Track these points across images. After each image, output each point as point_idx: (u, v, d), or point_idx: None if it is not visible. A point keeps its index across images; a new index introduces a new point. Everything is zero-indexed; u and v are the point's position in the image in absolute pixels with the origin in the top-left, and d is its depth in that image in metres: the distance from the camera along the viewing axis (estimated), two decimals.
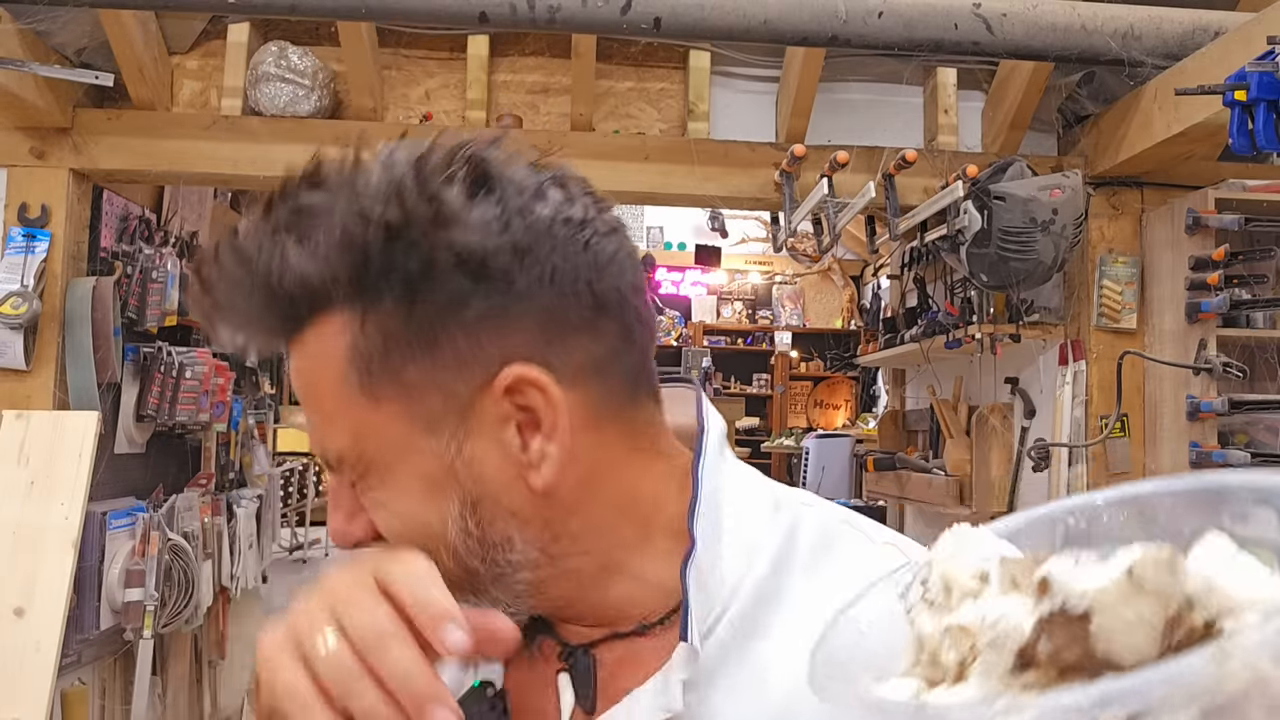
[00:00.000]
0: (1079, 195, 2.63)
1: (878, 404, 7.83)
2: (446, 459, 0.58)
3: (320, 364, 0.58)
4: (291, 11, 2.41)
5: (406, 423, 0.57)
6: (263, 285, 0.56)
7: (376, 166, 0.60)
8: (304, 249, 0.56)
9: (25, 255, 2.71)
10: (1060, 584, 0.31)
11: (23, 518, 2.47)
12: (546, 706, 0.64)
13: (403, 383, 0.57)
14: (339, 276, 0.56)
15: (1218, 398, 2.59)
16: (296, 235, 0.56)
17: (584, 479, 0.60)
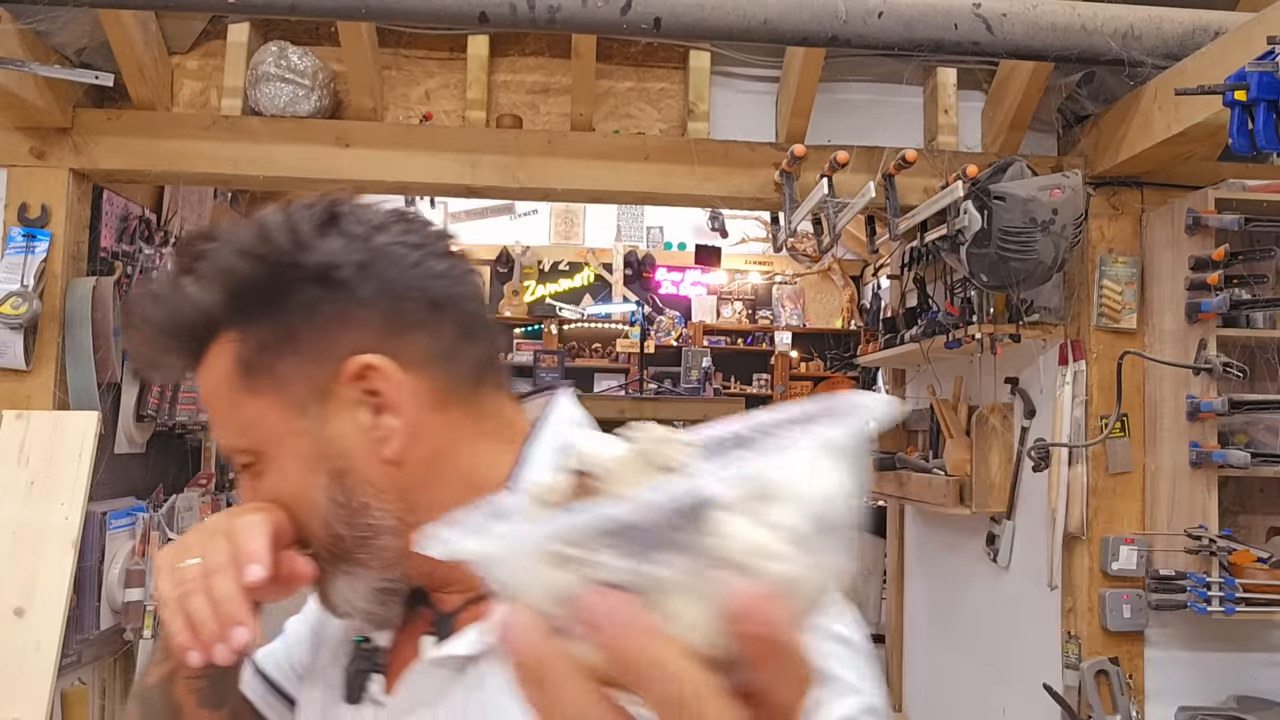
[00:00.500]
0: (1079, 195, 2.63)
1: None
2: (313, 437, 0.72)
3: (215, 376, 0.73)
4: (291, 11, 2.41)
5: (281, 410, 0.72)
6: (171, 322, 0.73)
7: (255, 220, 0.74)
8: (197, 286, 0.71)
9: (25, 255, 2.71)
10: (583, 455, 0.40)
11: (23, 518, 2.47)
12: (406, 661, 0.77)
13: (275, 377, 0.71)
14: (222, 302, 0.71)
15: (1218, 398, 2.59)
16: (192, 276, 0.72)
17: (432, 454, 0.73)
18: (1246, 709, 2.73)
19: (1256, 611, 2.60)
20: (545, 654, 0.33)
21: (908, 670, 4.13)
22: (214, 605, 0.67)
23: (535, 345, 8.34)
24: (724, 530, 0.34)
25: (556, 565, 0.34)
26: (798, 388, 8.88)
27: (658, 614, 0.33)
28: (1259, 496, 2.87)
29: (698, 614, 0.33)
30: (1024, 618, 3.17)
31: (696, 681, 0.32)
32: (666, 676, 0.32)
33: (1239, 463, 2.53)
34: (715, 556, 0.33)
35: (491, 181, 2.96)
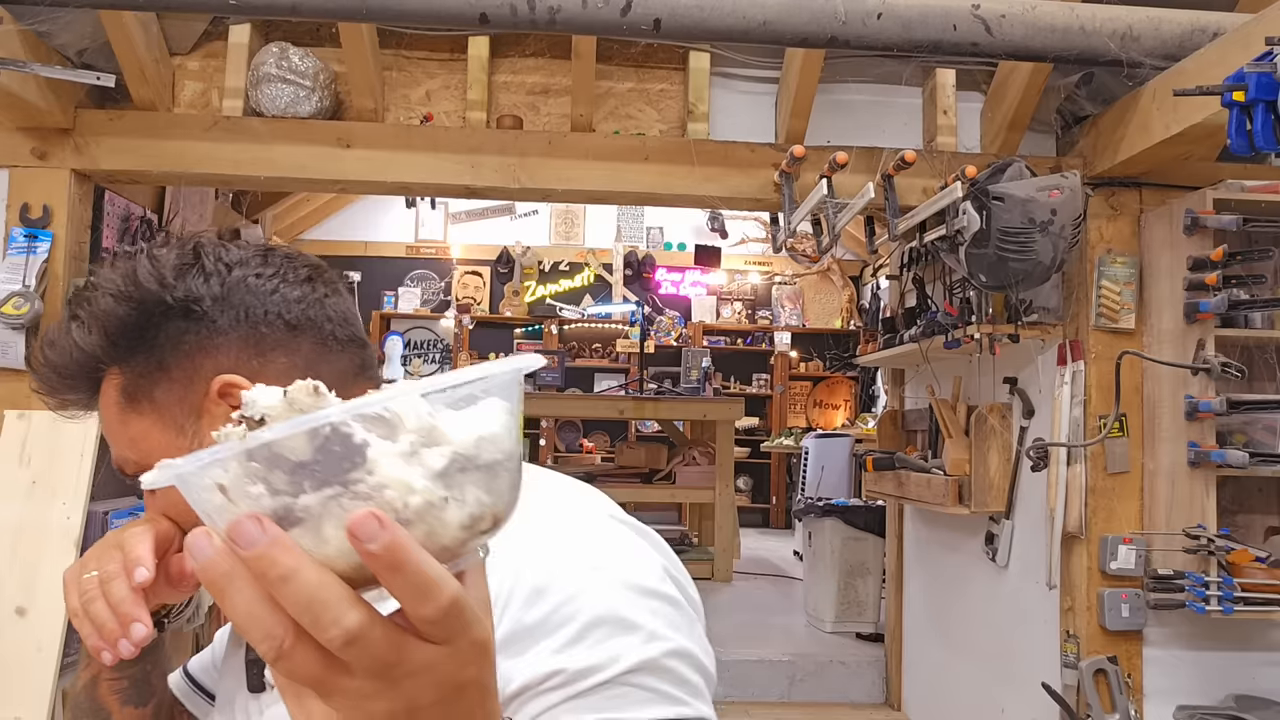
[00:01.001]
0: (1077, 196, 2.64)
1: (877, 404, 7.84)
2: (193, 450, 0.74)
3: (107, 405, 0.83)
4: (292, 12, 2.42)
5: (163, 429, 0.81)
6: (64, 365, 0.85)
7: (127, 264, 0.84)
8: (81, 331, 0.83)
9: (27, 255, 2.72)
10: (251, 401, 0.44)
11: (24, 517, 2.47)
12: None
13: (154, 401, 0.81)
14: (101, 344, 0.82)
15: (1216, 397, 2.59)
16: (77, 322, 0.83)
17: None
18: (1245, 708, 2.74)
19: (1255, 611, 2.61)
20: (219, 565, 0.39)
21: (907, 669, 4.14)
22: (113, 607, 0.75)
23: (535, 345, 8.35)
24: (374, 469, 0.40)
25: (222, 492, 0.40)
26: (797, 388, 8.89)
27: (311, 538, 0.40)
28: (1257, 496, 2.87)
29: (340, 538, 0.39)
30: (1023, 617, 3.17)
31: (321, 583, 0.38)
32: (297, 582, 0.38)
33: (1237, 462, 2.53)
34: (357, 491, 0.40)
35: (492, 182, 2.96)
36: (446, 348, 8.65)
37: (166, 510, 0.83)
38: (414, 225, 8.53)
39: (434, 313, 8.55)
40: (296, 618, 0.38)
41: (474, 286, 8.61)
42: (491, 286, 8.60)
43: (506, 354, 8.43)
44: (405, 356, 8.70)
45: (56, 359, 0.85)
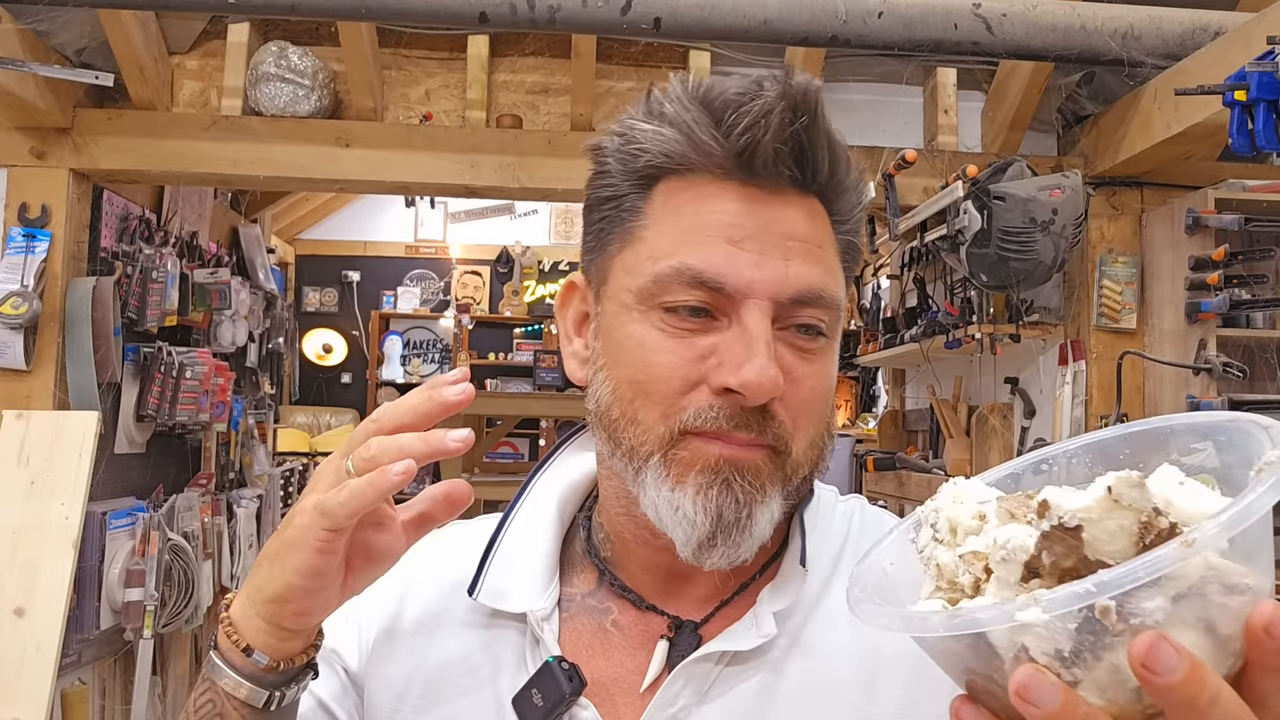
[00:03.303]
0: (1079, 195, 2.63)
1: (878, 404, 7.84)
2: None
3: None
4: (291, 11, 2.41)
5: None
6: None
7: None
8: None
9: (25, 255, 2.71)
10: (1056, 504, 0.39)
11: (23, 518, 2.47)
12: (628, 670, 0.71)
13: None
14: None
15: (1217, 398, 2.59)
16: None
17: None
18: None
19: None
20: (1075, 711, 0.37)
21: None
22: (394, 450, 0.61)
23: (535, 345, 8.34)
24: (1212, 564, 0.37)
25: (1081, 626, 0.37)
26: None
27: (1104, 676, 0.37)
28: None
29: (1201, 639, 0.37)
30: None
31: (1220, 694, 0.36)
32: (1188, 706, 0.36)
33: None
34: (1223, 584, 0.37)
35: (491, 181, 2.96)
36: (446, 348, 8.64)
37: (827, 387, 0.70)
38: (413, 225, 8.52)
39: (433, 312, 8.54)
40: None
41: (473, 286, 8.60)
42: (491, 286, 8.60)
43: (506, 354, 8.43)
44: (404, 356, 8.69)
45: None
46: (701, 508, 0.64)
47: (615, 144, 0.71)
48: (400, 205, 7.86)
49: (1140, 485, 0.38)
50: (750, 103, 0.64)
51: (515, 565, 0.74)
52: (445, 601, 0.76)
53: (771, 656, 0.68)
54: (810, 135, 0.67)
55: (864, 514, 0.78)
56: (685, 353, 0.65)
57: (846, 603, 0.49)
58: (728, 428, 0.64)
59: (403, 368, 8.62)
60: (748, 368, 0.62)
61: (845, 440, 7.06)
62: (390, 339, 8.58)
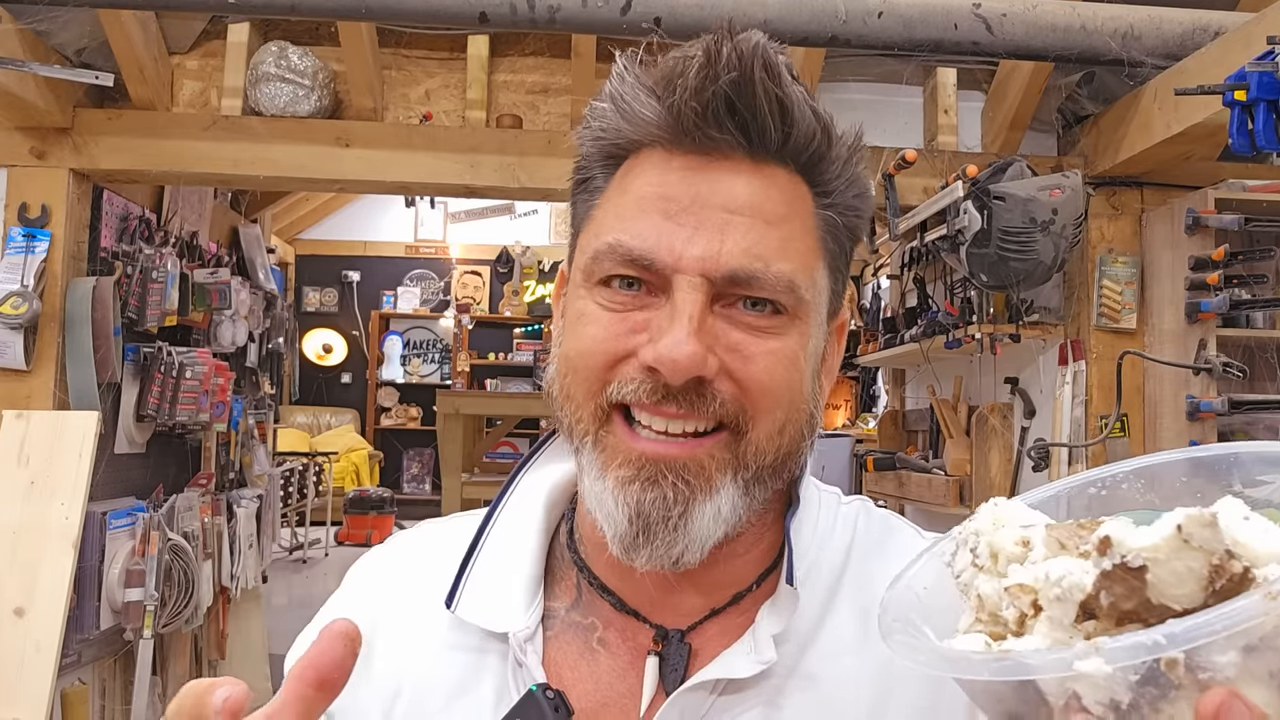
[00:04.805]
0: (1079, 195, 2.63)
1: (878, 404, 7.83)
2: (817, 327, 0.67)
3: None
4: (291, 12, 2.41)
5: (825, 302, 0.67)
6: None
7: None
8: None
9: (25, 255, 2.71)
10: (1119, 541, 0.36)
11: (23, 518, 2.47)
12: (618, 694, 0.66)
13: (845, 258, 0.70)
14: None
15: (1217, 397, 2.59)
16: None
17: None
18: None
19: None
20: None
21: None
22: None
23: (535, 345, 8.34)
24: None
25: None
26: None
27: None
28: None
29: (1274, 696, 0.34)
30: None
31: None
32: None
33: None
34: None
35: (491, 181, 2.96)
36: (446, 348, 8.64)
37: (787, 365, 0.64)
38: (413, 225, 8.52)
39: (433, 312, 8.54)
40: None
41: (473, 286, 8.60)
42: (491, 286, 8.60)
43: (506, 354, 8.43)
44: (404, 356, 8.69)
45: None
46: (622, 503, 0.60)
47: (582, 125, 0.68)
48: (400, 205, 7.86)
49: (1213, 524, 0.35)
50: (689, 70, 0.61)
51: (496, 576, 0.69)
52: (422, 617, 0.70)
53: (769, 685, 0.63)
54: (744, 91, 0.62)
55: (869, 518, 0.73)
56: (616, 326, 0.62)
57: (879, 631, 0.46)
58: (650, 401, 0.60)
59: (403, 368, 8.62)
60: (665, 342, 0.59)
61: (845, 440, 7.06)
62: (390, 339, 8.58)
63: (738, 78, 0.61)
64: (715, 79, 0.60)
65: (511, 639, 0.66)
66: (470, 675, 0.66)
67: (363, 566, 0.78)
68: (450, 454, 5.27)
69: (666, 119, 0.62)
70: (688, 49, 0.62)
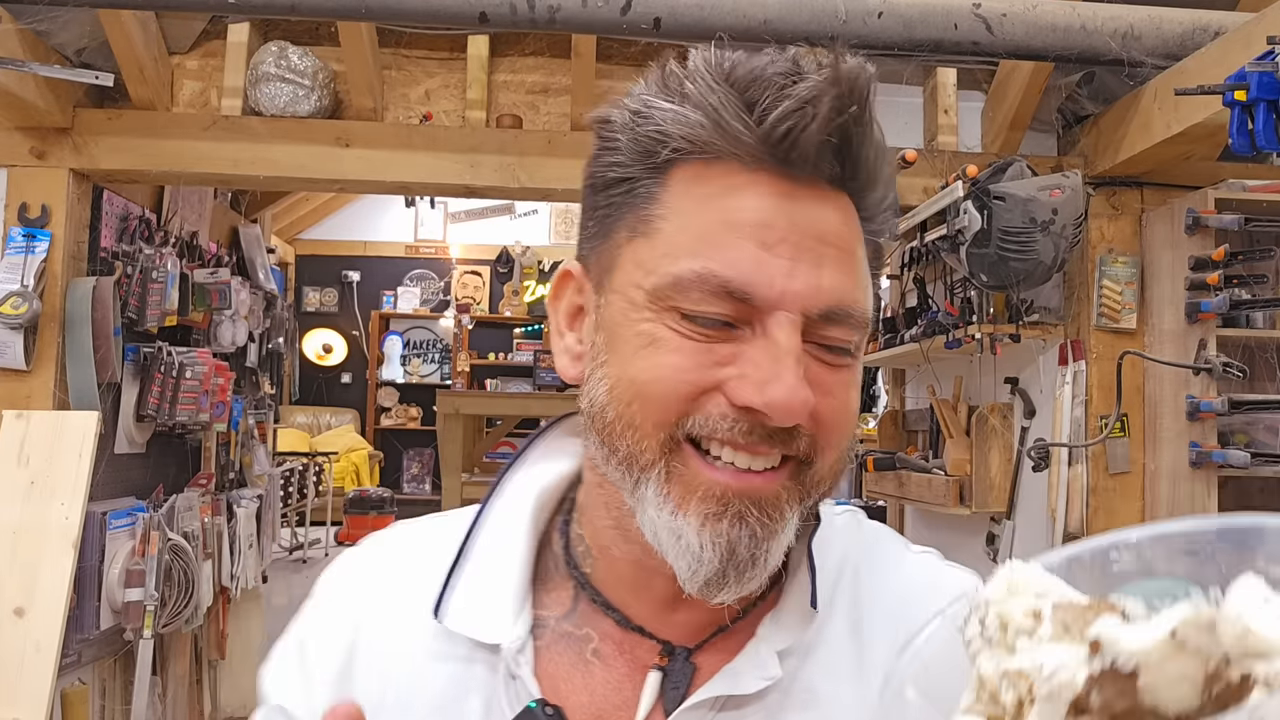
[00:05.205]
0: (1079, 195, 2.63)
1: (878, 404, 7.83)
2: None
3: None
4: (291, 12, 2.41)
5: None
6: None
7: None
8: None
9: (25, 255, 2.71)
10: (1110, 644, 0.35)
11: (23, 518, 2.47)
12: (613, 706, 0.64)
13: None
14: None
15: (1217, 398, 2.59)
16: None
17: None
18: None
19: None
20: None
21: None
22: None
23: (535, 345, 8.34)
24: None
25: None
26: None
27: None
28: (1259, 497, 2.87)
29: None
30: None
31: None
32: None
33: (1239, 463, 2.53)
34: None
35: (491, 181, 2.96)
36: (446, 348, 8.64)
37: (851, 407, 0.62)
38: (413, 225, 8.52)
39: (433, 312, 8.54)
40: None
41: (473, 286, 8.60)
42: (491, 286, 8.60)
43: (506, 354, 8.43)
44: (404, 356, 8.69)
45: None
46: (710, 543, 0.58)
47: (626, 120, 0.62)
48: (400, 205, 7.86)
49: (1209, 628, 0.34)
50: (792, 86, 0.56)
51: (485, 583, 0.67)
52: (405, 625, 0.67)
53: (769, 700, 0.62)
54: (859, 128, 0.58)
55: (862, 531, 0.72)
56: (701, 357, 0.58)
57: (882, 707, 0.46)
58: (745, 441, 0.58)
59: (403, 368, 8.62)
60: (775, 386, 0.56)
61: None
62: (390, 339, 8.58)
63: (859, 114, 0.58)
64: (841, 113, 0.56)
65: (504, 651, 0.64)
66: (457, 688, 0.64)
67: (337, 573, 0.74)
68: (450, 454, 5.27)
69: (773, 142, 0.57)
70: (777, 59, 0.57)
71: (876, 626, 0.66)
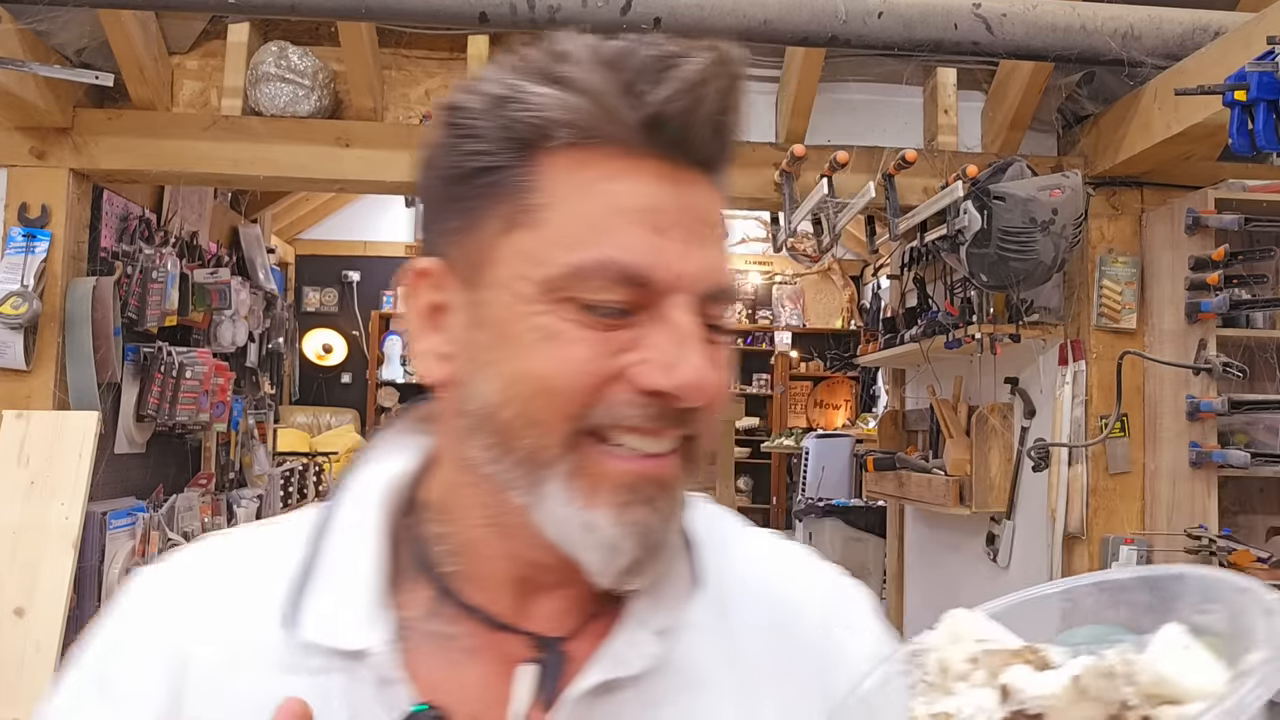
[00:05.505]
0: (1079, 195, 2.63)
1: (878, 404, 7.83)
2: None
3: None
4: (291, 11, 2.42)
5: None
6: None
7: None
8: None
9: (25, 255, 2.71)
10: (1017, 690, 0.38)
11: (23, 518, 2.47)
12: (487, 704, 0.62)
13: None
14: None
15: (1217, 397, 2.59)
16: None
17: None
18: None
19: None
20: None
21: None
22: None
23: None
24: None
25: None
26: (797, 388, 8.88)
27: None
28: (1259, 496, 2.87)
29: None
30: None
31: None
32: None
33: (1239, 463, 2.53)
34: None
35: None
36: None
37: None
38: (413, 225, 8.52)
39: None
40: None
41: None
42: None
43: None
44: (404, 356, 8.69)
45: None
46: (626, 531, 0.57)
47: (488, 106, 0.59)
48: (400, 205, 7.85)
49: (1110, 675, 0.37)
50: (674, 69, 0.56)
51: (340, 588, 0.63)
52: (246, 642, 0.62)
53: (651, 684, 0.62)
54: (738, 113, 0.59)
55: (706, 509, 0.71)
56: (602, 346, 0.57)
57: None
58: (653, 426, 0.57)
59: (403, 368, 8.62)
60: (683, 368, 0.56)
61: (845, 440, 7.06)
62: (390, 339, 8.58)
63: (736, 98, 0.58)
64: (725, 95, 0.57)
65: (373, 656, 0.60)
66: (316, 700, 0.58)
67: (143, 594, 0.67)
68: None
69: (657, 125, 0.56)
70: (652, 42, 0.57)
71: (741, 606, 0.67)
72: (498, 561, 0.63)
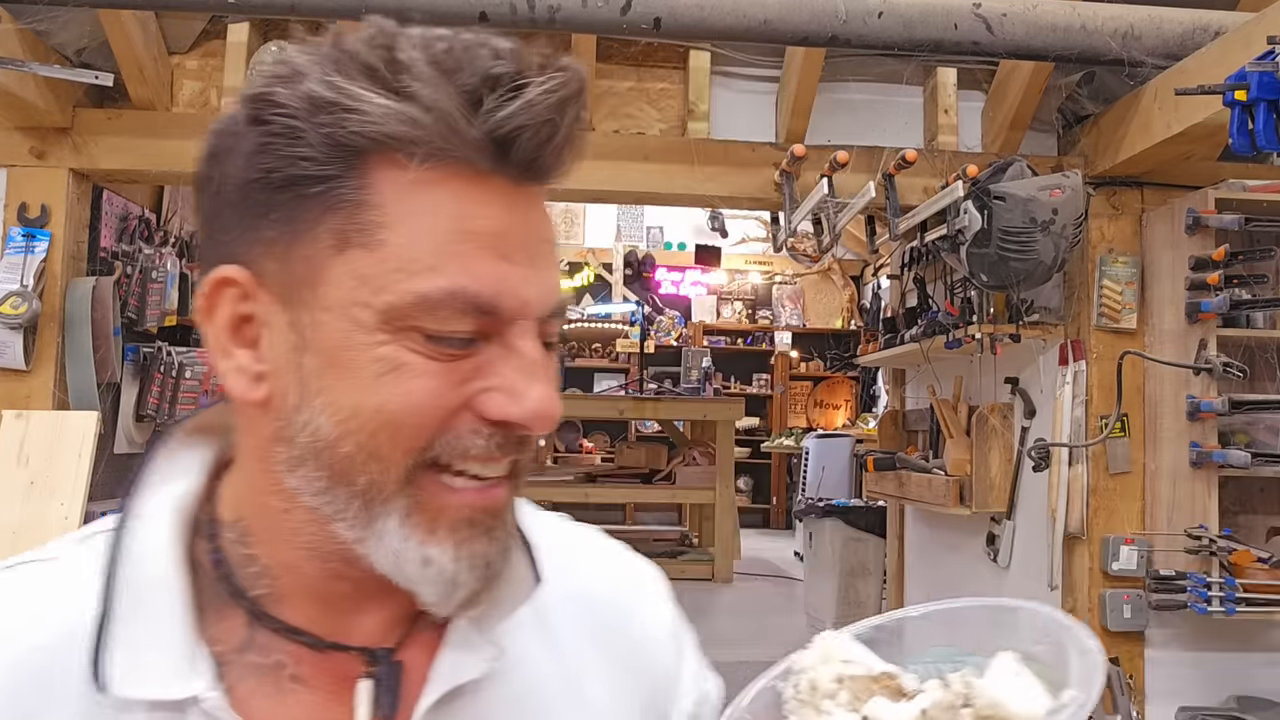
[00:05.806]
0: (1079, 195, 2.63)
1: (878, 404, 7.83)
2: None
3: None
4: (291, 11, 2.41)
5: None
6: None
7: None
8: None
9: (25, 255, 2.71)
10: (873, 719, 0.44)
11: (22, 518, 2.47)
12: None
13: None
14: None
15: (1218, 397, 2.59)
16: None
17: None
18: (1246, 709, 2.73)
19: (1256, 611, 2.60)
20: None
21: None
22: None
23: None
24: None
25: None
26: (798, 388, 8.89)
27: None
28: (1259, 496, 2.87)
29: None
30: None
31: None
32: None
33: (1239, 463, 2.53)
34: None
35: None
36: None
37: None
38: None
39: None
40: None
41: None
42: None
43: None
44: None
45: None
46: (465, 565, 0.56)
47: (308, 107, 0.53)
48: None
49: (953, 709, 0.42)
50: (524, 89, 0.53)
51: (146, 632, 0.57)
52: (47, 708, 0.56)
53: (490, 689, 0.62)
54: (583, 126, 0.57)
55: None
56: (447, 377, 0.54)
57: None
58: (499, 455, 0.56)
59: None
60: (531, 399, 0.54)
61: (845, 440, 7.07)
62: None
63: (579, 113, 0.56)
64: (576, 119, 0.55)
65: (202, 703, 0.56)
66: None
67: None
68: None
69: (504, 145, 0.54)
70: (495, 52, 0.53)
71: (549, 593, 0.66)
72: (315, 580, 0.59)
